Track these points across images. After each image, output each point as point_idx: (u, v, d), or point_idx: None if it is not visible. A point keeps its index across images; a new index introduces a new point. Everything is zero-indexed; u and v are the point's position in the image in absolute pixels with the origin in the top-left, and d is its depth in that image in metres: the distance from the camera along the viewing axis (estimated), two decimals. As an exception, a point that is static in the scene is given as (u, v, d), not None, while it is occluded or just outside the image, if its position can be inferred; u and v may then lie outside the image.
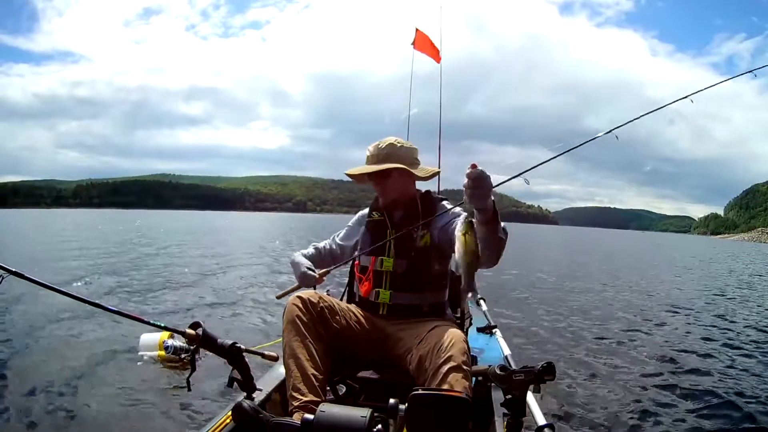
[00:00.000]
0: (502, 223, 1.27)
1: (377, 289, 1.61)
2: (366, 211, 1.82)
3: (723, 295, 7.76)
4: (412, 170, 1.64)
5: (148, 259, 11.21)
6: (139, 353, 3.32)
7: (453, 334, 1.37)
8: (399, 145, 1.67)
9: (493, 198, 1.19)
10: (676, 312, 5.87)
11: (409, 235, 1.60)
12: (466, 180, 1.13)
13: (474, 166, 1.13)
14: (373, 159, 1.66)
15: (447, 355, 1.30)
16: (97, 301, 1.47)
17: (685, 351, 3.94)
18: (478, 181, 1.13)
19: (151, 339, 3.39)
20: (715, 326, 5.01)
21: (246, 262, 10.93)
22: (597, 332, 4.61)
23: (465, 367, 1.30)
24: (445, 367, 1.28)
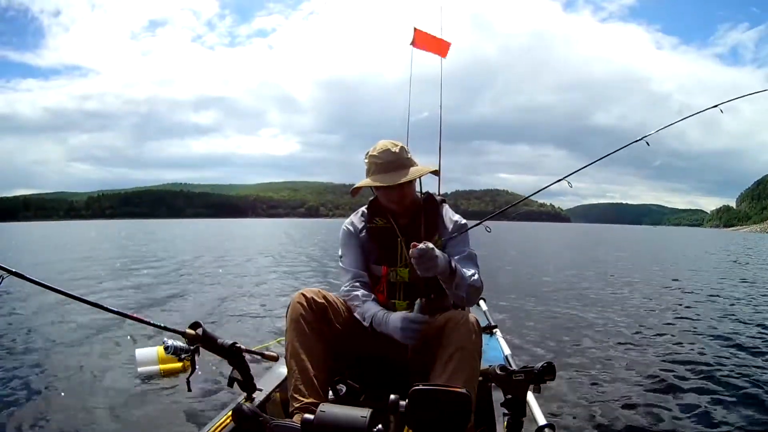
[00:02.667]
0: (475, 275, 1.49)
1: (392, 301, 1.57)
2: (356, 217, 1.69)
3: (732, 292, 7.63)
4: (437, 173, 1.65)
5: (153, 265, 11.23)
6: (138, 370, 3.03)
7: (463, 315, 1.39)
8: (405, 146, 1.59)
9: (447, 260, 1.37)
10: (682, 311, 5.82)
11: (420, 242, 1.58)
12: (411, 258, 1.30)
13: (414, 246, 1.29)
14: (393, 166, 1.52)
15: (455, 336, 1.32)
16: (97, 302, 1.47)
17: (690, 350, 3.91)
18: (421, 260, 1.29)
19: (148, 354, 3.05)
20: (723, 324, 4.92)
21: (248, 265, 10.95)
22: (598, 331, 4.60)
23: (473, 348, 1.32)
24: (453, 347, 1.30)
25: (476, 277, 1.50)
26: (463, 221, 1.65)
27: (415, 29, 3.24)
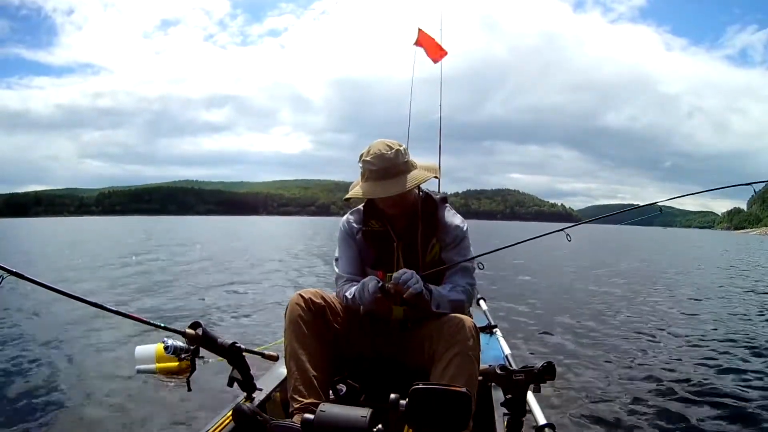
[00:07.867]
0: (458, 290, 1.50)
1: (389, 306, 1.55)
2: (353, 216, 1.64)
3: (736, 293, 7.61)
4: (437, 176, 1.53)
5: (153, 263, 11.22)
6: (136, 368, 3.14)
7: (461, 319, 1.38)
8: (402, 148, 1.48)
9: (421, 291, 1.37)
10: (685, 311, 5.82)
11: (418, 247, 1.53)
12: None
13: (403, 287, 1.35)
14: (388, 173, 1.43)
15: (454, 340, 1.31)
16: (96, 301, 1.46)
17: (690, 351, 3.91)
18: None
19: (147, 351, 3.19)
20: (727, 325, 4.93)
21: (250, 265, 10.93)
22: (598, 331, 4.60)
23: (471, 352, 1.31)
24: (452, 352, 1.30)
25: (458, 296, 1.50)
26: (464, 224, 1.59)
27: (419, 30, 3.35)
